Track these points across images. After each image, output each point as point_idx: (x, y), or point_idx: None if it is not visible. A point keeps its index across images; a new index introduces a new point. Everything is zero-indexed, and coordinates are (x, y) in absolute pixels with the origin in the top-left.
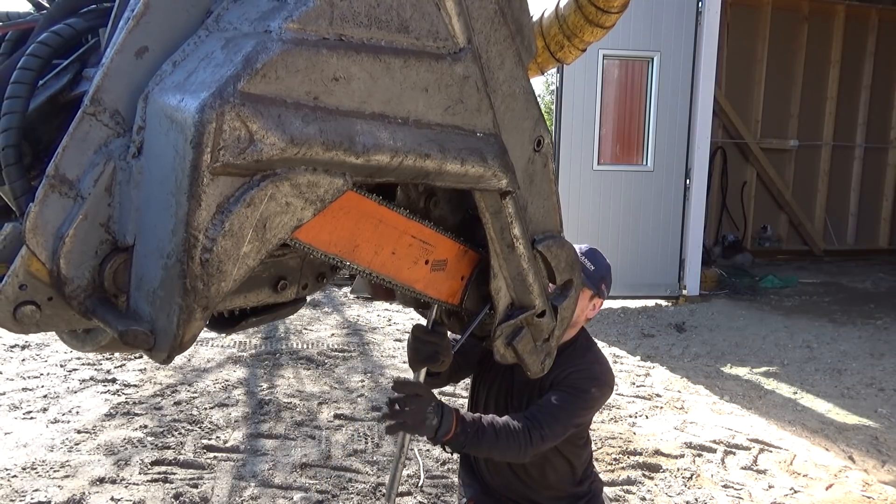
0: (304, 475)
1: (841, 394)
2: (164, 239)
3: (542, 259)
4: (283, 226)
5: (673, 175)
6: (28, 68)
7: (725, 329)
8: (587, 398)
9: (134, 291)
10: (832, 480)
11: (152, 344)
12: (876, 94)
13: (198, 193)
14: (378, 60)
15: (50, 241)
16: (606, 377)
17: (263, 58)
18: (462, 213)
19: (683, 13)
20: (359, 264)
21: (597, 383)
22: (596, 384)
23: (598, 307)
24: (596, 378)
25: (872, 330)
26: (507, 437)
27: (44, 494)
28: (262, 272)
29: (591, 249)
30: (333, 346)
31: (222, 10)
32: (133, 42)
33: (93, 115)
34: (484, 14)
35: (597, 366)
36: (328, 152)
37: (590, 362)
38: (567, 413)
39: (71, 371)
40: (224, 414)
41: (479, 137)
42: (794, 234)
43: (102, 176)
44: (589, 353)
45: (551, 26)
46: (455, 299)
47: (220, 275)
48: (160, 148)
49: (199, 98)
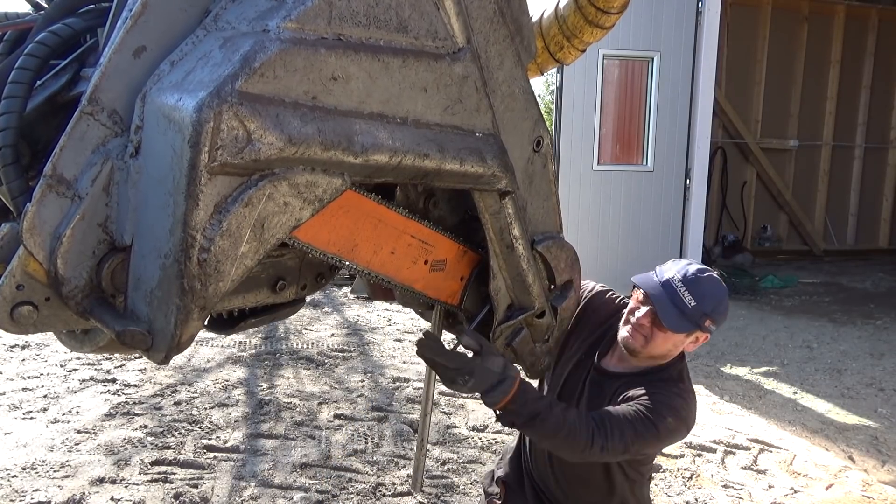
0: (304, 475)
1: (841, 394)
2: (161, 239)
3: (542, 260)
4: (282, 226)
5: (673, 175)
6: (26, 68)
7: (725, 329)
8: (660, 427)
9: (131, 292)
10: (832, 480)
11: (150, 344)
12: (876, 94)
13: (195, 193)
14: (377, 60)
15: (47, 241)
16: (687, 414)
17: (261, 57)
18: (461, 213)
19: (683, 13)
20: (358, 264)
21: (676, 415)
22: (675, 415)
23: (700, 342)
24: (676, 410)
25: (872, 330)
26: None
27: (44, 494)
28: (260, 272)
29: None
30: (333, 346)
31: (220, 10)
32: (131, 41)
33: (90, 114)
34: (483, 14)
35: (680, 399)
36: (326, 152)
37: (674, 393)
38: (634, 434)
39: (71, 371)
40: (224, 414)
41: (479, 137)
42: (794, 234)
43: (100, 176)
44: (676, 386)
45: (551, 27)
46: (454, 300)
47: (218, 275)
48: (158, 147)
49: (196, 97)
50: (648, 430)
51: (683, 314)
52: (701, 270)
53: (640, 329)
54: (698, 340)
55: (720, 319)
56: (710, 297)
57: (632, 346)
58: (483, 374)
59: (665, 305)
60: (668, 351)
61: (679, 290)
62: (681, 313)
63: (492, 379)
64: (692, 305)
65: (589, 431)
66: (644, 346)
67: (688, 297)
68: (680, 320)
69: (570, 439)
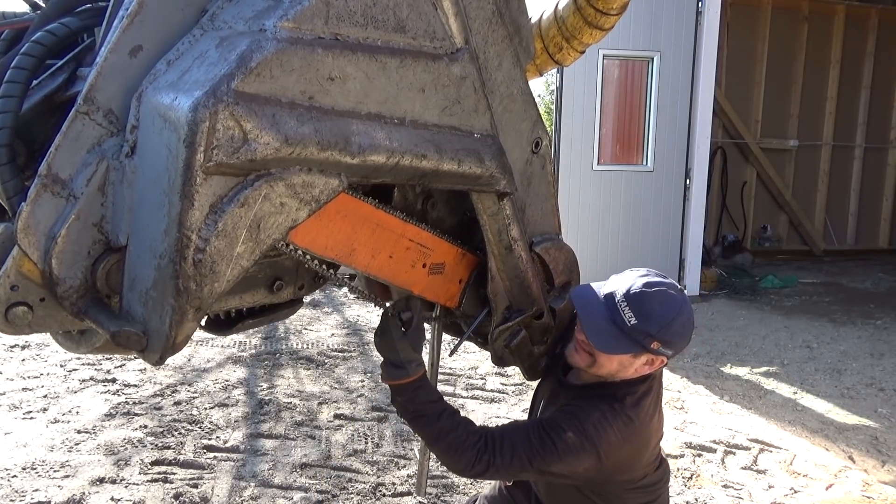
0: (304, 475)
1: (841, 394)
2: (156, 239)
3: (540, 261)
4: (278, 226)
5: (673, 175)
6: (22, 67)
7: (725, 329)
8: (558, 441)
9: (127, 292)
10: (832, 480)
11: (144, 345)
12: (876, 94)
13: (191, 193)
14: (374, 60)
15: (42, 241)
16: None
17: (258, 57)
18: (460, 214)
19: (683, 13)
20: (356, 268)
21: (579, 430)
22: (578, 430)
23: (656, 365)
24: (582, 426)
25: (872, 330)
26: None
27: (44, 494)
28: (257, 272)
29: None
30: (333, 346)
31: (217, 9)
32: (127, 41)
33: (86, 114)
34: (482, 14)
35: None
36: (323, 152)
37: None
38: (528, 448)
39: (71, 371)
40: (224, 414)
41: (477, 138)
42: (794, 234)
43: (95, 175)
44: (607, 404)
45: (550, 28)
46: (453, 302)
47: (214, 275)
48: (153, 147)
49: (192, 97)
50: (545, 445)
51: (622, 332)
52: (650, 284)
53: (582, 345)
54: (653, 364)
55: (673, 342)
56: (657, 317)
57: (578, 365)
58: (387, 350)
59: (597, 323)
60: (617, 371)
61: (620, 306)
62: (619, 332)
63: (392, 357)
64: (632, 324)
65: (476, 447)
66: (590, 365)
67: (628, 315)
68: (616, 340)
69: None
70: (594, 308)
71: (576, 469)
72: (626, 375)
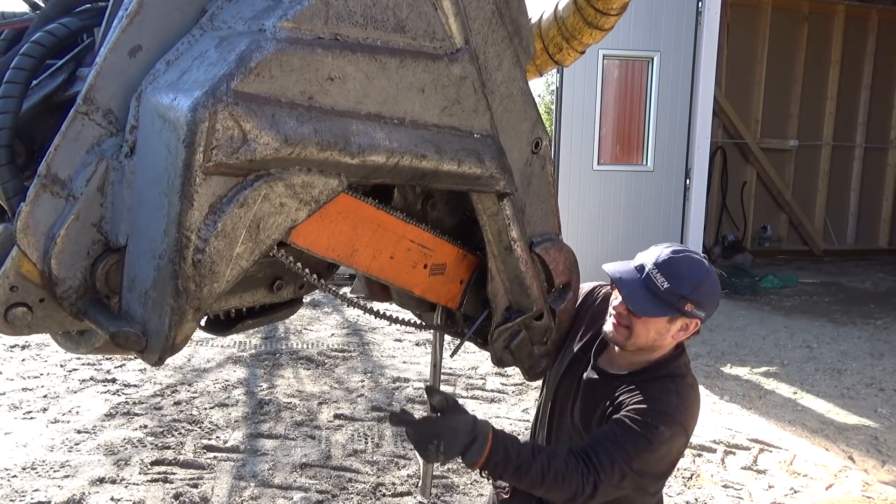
0: (304, 475)
1: (841, 394)
2: (156, 239)
3: (540, 261)
4: (277, 226)
5: (673, 175)
6: (22, 68)
7: (725, 329)
8: (653, 439)
9: (126, 292)
10: (832, 480)
11: (144, 346)
12: (876, 94)
13: (190, 193)
14: (374, 60)
15: (41, 242)
16: (683, 417)
17: (257, 57)
18: (460, 215)
19: (683, 13)
20: (357, 268)
21: (668, 420)
22: (667, 421)
23: (691, 329)
24: (669, 415)
25: (872, 330)
26: (556, 479)
27: (44, 494)
28: (257, 272)
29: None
30: (333, 346)
31: (217, 9)
32: (127, 41)
33: (85, 114)
34: (481, 15)
35: (675, 398)
36: (323, 152)
37: (670, 391)
38: (625, 455)
39: (71, 371)
40: (224, 414)
41: (477, 139)
42: (794, 234)
43: (95, 176)
44: (673, 382)
45: (550, 28)
46: (454, 303)
47: (213, 276)
48: (153, 147)
49: (192, 97)
50: (640, 444)
51: (657, 297)
52: (676, 251)
53: (619, 319)
54: (688, 328)
55: (705, 302)
56: (688, 279)
57: (615, 340)
58: (452, 437)
59: (634, 289)
60: (654, 340)
61: (651, 273)
62: (653, 297)
63: (463, 440)
64: (665, 287)
65: (578, 471)
66: (628, 337)
67: (660, 280)
68: (652, 304)
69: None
70: (628, 278)
71: (674, 457)
72: (664, 344)
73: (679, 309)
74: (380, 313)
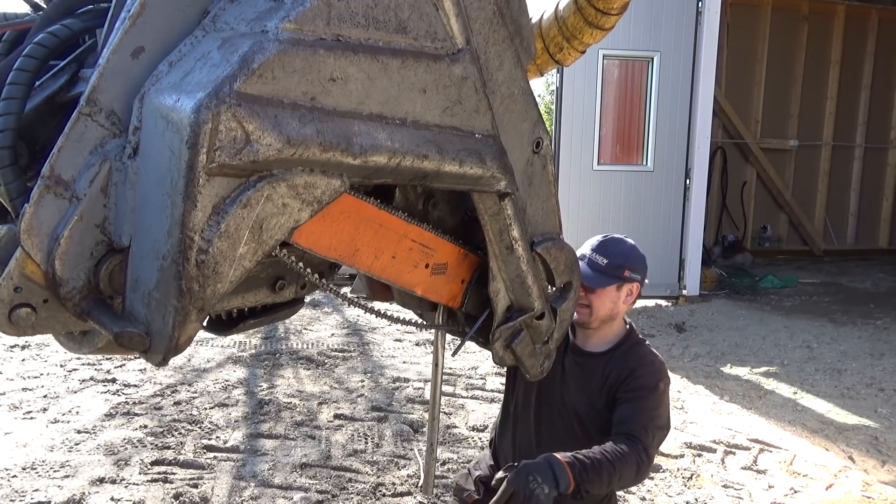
0: (304, 475)
1: (841, 394)
2: (159, 240)
3: (541, 261)
4: (280, 227)
5: (673, 175)
6: (24, 69)
7: (725, 329)
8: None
9: (129, 293)
10: (832, 480)
11: (147, 346)
12: (876, 94)
13: (193, 194)
14: (376, 61)
15: (45, 243)
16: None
17: (260, 58)
18: (461, 214)
19: (683, 13)
20: (359, 268)
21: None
22: (662, 378)
23: (634, 293)
24: (659, 372)
25: (872, 330)
26: (622, 464)
27: (44, 494)
28: (259, 272)
29: (602, 241)
30: (333, 346)
31: (219, 11)
32: (129, 42)
33: (89, 115)
34: (482, 15)
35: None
36: (325, 153)
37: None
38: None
39: (71, 371)
40: (224, 414)
41: (478, 139)
42: (794, 234)
43: (98, 177)
44: (643, 347)
45: (550, 28)
46: (456, 303)
47: (216, 276)
48: (156, 148)
49: (195, 98)
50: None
51: (602, 272)
52: (604, 236)
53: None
54: (632, 293)
55: (638, 267)
56: (619, 252)
57: (581, 320)
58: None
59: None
60: (611, 309)
61: (592, 257)
62: (599, 273)
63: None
64: (605, 263)
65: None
66: (590, 315)
67: (600, 259)
68: (600, 278)
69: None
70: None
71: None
72: (619, 311)
73: (620, 276)
74: (381, 313)
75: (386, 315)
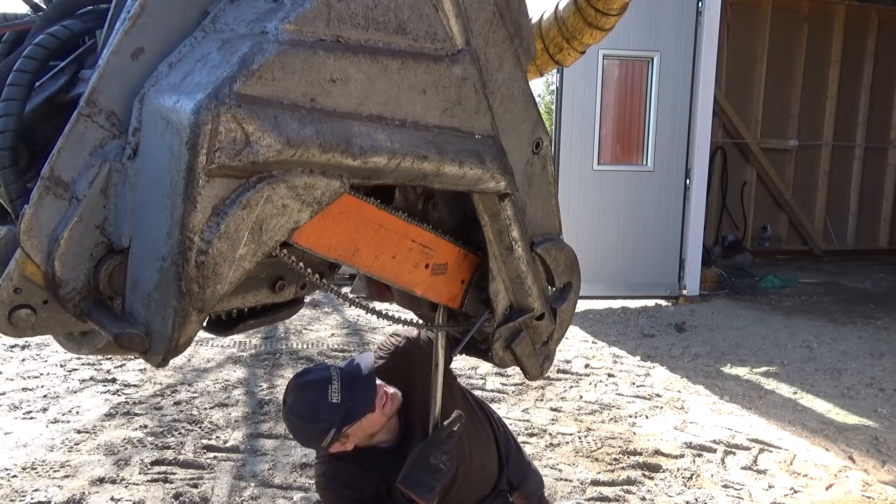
0: (304, 475)
1: (841, 394)
2: (159, 241)
3: (541, 261)
4: (280, 228)
5: (673, 175)
6: (24, 70)
7: (725, 329)
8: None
9: (129, 294)
10: (832, 480)
11: (147, 347)
12: (876, 94)
13: (193, 195)
14: (375, 62)
15: (45, 244)
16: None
17: (260, 59)
18: (461, 215)
19: (683, 13)
20: (359, 268)
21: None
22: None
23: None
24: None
25: (872, 330)
26: None
27: (44, 494)
28: (259, 272)
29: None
30: (333, 346)
31: (219, 12)
32: (129, 43)
33: (88, 116)
34: (482, 16)
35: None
36: (325, 154)
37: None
38: None
39: (71, 371)
40: (224, 414)
41: (478, 139)
42: (794, 234)
43: (98, 178)
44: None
45: (550, 28)
46: (455, 303)
47: (216, 277)
48: (156, 149)
49: (194, 99)
50: None
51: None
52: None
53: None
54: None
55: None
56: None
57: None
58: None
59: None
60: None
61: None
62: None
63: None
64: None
65: None
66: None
67: (335, 396)
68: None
69: None
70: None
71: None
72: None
73: (325, 433)
74: (381, 313)
75: (386, 315)
